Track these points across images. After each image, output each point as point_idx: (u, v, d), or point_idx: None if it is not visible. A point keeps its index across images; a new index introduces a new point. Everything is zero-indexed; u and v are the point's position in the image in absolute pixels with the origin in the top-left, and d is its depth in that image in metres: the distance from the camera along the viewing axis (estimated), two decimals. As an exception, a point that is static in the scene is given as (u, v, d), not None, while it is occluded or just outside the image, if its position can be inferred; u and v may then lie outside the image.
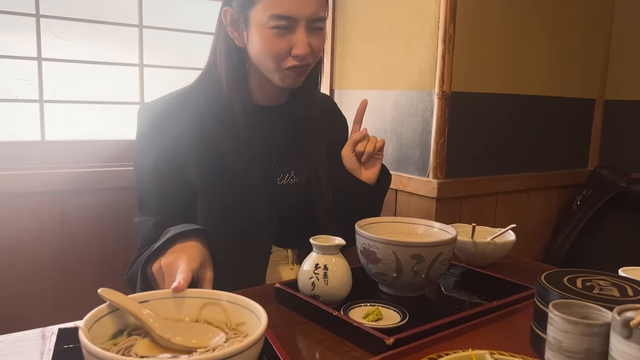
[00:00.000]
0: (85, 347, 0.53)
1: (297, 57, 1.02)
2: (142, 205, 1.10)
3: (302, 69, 1.06)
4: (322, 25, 1.06)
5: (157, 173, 1.07)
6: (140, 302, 0.66)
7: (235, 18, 1.05)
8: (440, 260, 0.93)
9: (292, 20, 1.00)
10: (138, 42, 1.61)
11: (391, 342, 0.73)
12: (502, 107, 1.73)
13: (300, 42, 1.01)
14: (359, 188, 1.17)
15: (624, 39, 1.96)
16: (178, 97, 1.12)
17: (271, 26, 1.00)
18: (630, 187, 1.77)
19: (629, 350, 0.58)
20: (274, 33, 1.01)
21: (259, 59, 1.06)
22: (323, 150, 1.18)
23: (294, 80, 1.08)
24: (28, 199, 1.39)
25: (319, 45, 1.07)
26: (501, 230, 1.16)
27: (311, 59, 1.06)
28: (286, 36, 1.01)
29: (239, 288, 0.89)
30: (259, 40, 1.02)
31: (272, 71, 1.06)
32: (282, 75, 1.06)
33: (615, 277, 0.79)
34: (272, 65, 1.04)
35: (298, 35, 1.01)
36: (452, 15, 1.53)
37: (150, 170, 1.08)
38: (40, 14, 1.46)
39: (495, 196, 1.75)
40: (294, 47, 1.02)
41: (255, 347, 0.57)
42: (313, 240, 0.92)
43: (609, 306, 0.65)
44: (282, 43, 1.01)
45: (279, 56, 1.03)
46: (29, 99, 1.49)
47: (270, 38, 1.01)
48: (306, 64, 1.05)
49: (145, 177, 1.09)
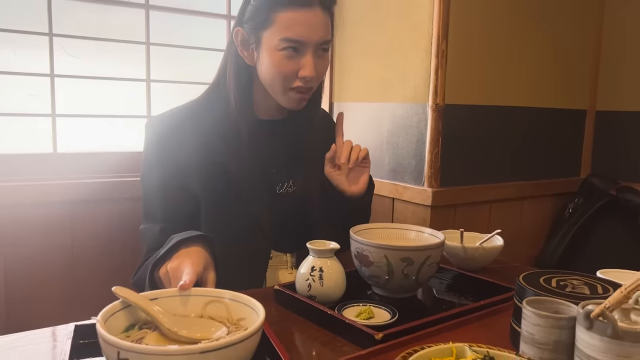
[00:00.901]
0: (102, 336, 0.60)
1: (304, 79, 1.09)
2: (147, 213, 1.16)
3: (306, 92, 1.13)
4: (327, 48, 1.13)
5: (163, 184, 1.13)
6: (151, 299, 0.73)
7: (247, 38, 1.12)
8: (428, 263, 1.00)
9: (302, 44, 1.08)
10: (145, 59, 1.69)
11: (380, 337, 0.80)
12: (495, 118, 1.80)
13: (308, 65, 1.08)
14: (345, 204, 1.21)
15: (613, 51, 2.03)
16: (184, 111, 1.19)
17: (281, 48, 1.07)
18: (620, 195, 1.83)
19: (591, 341, 0.64)
20: (283, 55, 1.08)
21: (267, 79, 1.13)
22: (320, 161, 1.24)
23: (297, 104, 1.15)
24: (40, 208, 1.46)
25: (324, 70, 1.15)
26: (488, 235, 1.22)
27: (315, 82, 1.13)
28: (295, 59, 1.08)
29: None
30: (269, 61, 1.09)
31: (279, 92, 1.13)
32: (288, 97, 1.13)
33: (588, 277, 0.85)
34: (279, 86, 1.11)
35: (306, 58, 1.08)
36: (445, 32, 1.60)
37: (156, 181, 1.14)
38: (53, 33, 1.55)
39: (489, 204, 1.81)
40: (302, 70, 1.09)
41: (253, 338, 0.63)
42: (309, 245, 0.98)
43: (577, 302, 0.71)
44: (291, 65, 1.08)
45: (287, 77, 1.10)
46: (42, 113, 1.57)
47: (280, 60, 1.08)
48: (310, 87, 1.12)
49: (151, 188, 1.15)
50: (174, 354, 0.58)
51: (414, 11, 1.66)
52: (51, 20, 1.54)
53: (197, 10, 1.79)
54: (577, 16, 1.98)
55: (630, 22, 1.97)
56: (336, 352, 0.82)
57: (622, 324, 0.63)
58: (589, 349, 0.64)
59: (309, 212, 1.21)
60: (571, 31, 1.97)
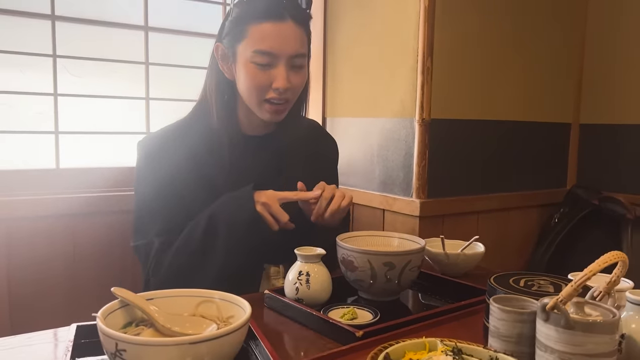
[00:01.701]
0: (101, 330, 0.66)
1: (277, 90, 1.14)
2: (140, 229, 1.20)
3: (280, 105, 1.17)
4: (303, 62, 1.18)
5: (158, 199, 1.18)
6: (147, 299, 0.79)
7: (226, 53, 1.18)
8: (409, 267, 1.06)
9: (274, 57, 1.13)
10: (145, 78, 1.77)
11: (360, 334, 0.86)
12: (480, 132, 1.87)
13: (280, 76, 1.13)
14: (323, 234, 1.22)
15: (595, 67, 2.11)
16: (172, 129, 1.24)
17: (254, 61, 1.13)
18: (603, 204, 1.90)
19: (548, 332, 0.70)
20: (257, 67, 1.13)
21: (243, 91, 1.18)
22: (306, 175, 1.26)
23: (273, 116, 1.19)
24: (44, 221, 1.53)
25: (299, 83, 1.18)
26: (464, 243, 1.28)
27: (290, 94, 1.17)
28: (268, 71, 1.14)
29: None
30: (244, 73, 1.15)
31: (255, 104, 1.18)
32: (263, 109, 1.17)
33: (554, 278, 0.91)
34: (254, 98, 1.16)
35: (279, 70, 1.14)
36: (430, 49, 1.68)
37: (150, 197, 1.19)
38: (57, 55, 1.63)
39: (476, 214, 1.87)
40: (274, 81, 1.14)
41: (240, 331, 0.70)
42: (297, 251, 1.04)
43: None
44: (264, 77, 1.14)
45: (261, 89, 1.15)
46: (45, 130, 1.64)
47: (254, 71, 1.14)
48: (285, 99, 1.17)
49: (146, 204, 1.20)
50: (166, 344, 0.64)
51: (401, 30, 1.74)
52: (55, 42, 1.62)
53: (194, 32, 1.87)
54: (560, 31, 2.06)
55: (611, 37, 2.05)
56: (321, 349, 0.88)
57: (575, 315, 0.70)
58: (547, 340, 0.70)
59: (296, 226, 1.23)
60: (554, 46, 2.05)
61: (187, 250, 1.13)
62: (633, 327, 0.77)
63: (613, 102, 2.05)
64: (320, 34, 2.06)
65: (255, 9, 1.14)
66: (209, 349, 0.66)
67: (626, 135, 2.01)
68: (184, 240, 1.14)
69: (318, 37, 2.07)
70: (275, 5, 1.14)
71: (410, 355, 0.74)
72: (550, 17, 2.02)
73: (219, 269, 1.11)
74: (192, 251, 1.12)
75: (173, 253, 1.14)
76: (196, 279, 1.11)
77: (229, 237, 1.10)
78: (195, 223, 1.14)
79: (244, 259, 1.13)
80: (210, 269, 1.11)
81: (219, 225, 1.11)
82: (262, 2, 1.14)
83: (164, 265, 1.15)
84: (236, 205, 1.12)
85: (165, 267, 1.15)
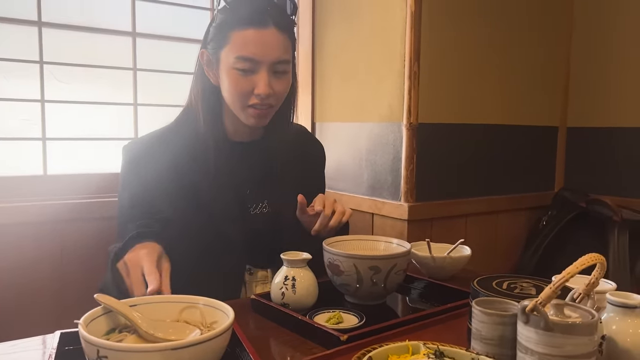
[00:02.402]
0: (83, 337, 0.66)
1: (259, 96, 1.14)
2: (122, 233, 1.17)
3: (263, 110, 1.17)
4: (286, 68, 1.18)
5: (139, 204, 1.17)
6: (130, 305, 0.79)
7: (210, 59, 1.19)
8: (395, 271, 1.06)
9: (256, 63, 1.13)
10: (132, 84, 1.77)
11: (345, 338, 0.86)
12: (468, 136, 1.88)
13: (262, 82, 1.13)
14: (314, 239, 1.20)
15: (582, 70, 2.13)
16: (156, 135, 1.24)
17: (237, 67, 1.13)
18: (590, 207, 1.91)
19: (528, 334, 0.70)
20: (239, 73, 1.13)
21: (227, 97, 1.18)
22: (295, 181, 1.27)
23: (256, 120, 1.18)
24: (31, 227, 1.53)
25: (282, 89, 1.18)
26: (453, 245, 1.29)
27: (273, 100, 1.17)
28: (250, 77, 1.14)
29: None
30: (227, 79, 1.15)
31: (238, 109, 1.18)
32: (246, 114, 1.18)
33: (537, 280, 0.92)
34: (237, 103, 1.17)
35: (260, 76, 1.14)
36: (417, 54, 1.69)
37: (132, 202, 1.18)
38: (44, 61, 1.62)
39: (465, 218, 1.88)
40: (256, 87, 1.14)
41: (222, 337, 0.70)
42: (283, 256, 1.05)
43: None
44: (246, 83, 1.14)
45: (243, 95, 1.15)
46: (33, 137, 1.63)
47: (236, 77, 1.14)
48: (268, 104, 1.17)
49: (127, 208, 1.19)
50: (148, 350, 0.64)
51: (388, 36, 1.76)
52: (42, 48, 1.61)
53: (182, 37, 1.87)
54: (548, 36, 2.08)
55: (598, 42, 2.08)
56: (306, 353, 0.88)
57: (554, 317, 0.70)
58: (527, 342, 0.71)
59: (284, 231, 1.24)
60: (542, 50, 2.07)
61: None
62: (614, 329, 0.78)
63: (600, 105, 2.08)
64: (309, 41, 2.07)
65: (238, 16, 1.14)
66: (191, 354, 0.66)
67: (613, 138, 2.03)
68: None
69: (306, 44, 2.08)
70: (259, 11, 1.14)
71: (394, 358, 0.74)
72: (538, 22, 2.04)
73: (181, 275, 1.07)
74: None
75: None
76: None
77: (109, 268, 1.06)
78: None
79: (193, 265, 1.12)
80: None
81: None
82: (246, 8, 1.14)
83: None
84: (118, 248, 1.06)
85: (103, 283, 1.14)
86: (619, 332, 0.77)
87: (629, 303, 0.78)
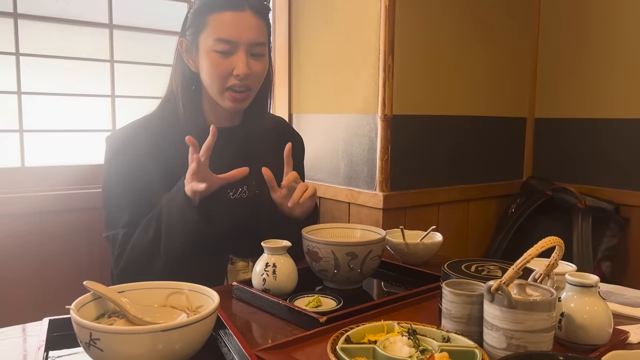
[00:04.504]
0: (75, 321, 0.69)
1: (238, 76, 1.19)
2: (109, 221, 1.23)
3: (242, 94, 1.21)
4: (263, 51, 1.23)
5: (123, 193, 1.21)
6: (119, 292, 0.82)
7: (189, 46, 1.23)
8: (371, 256, 1.12)
9: (233, 44, 1.18)
10: (110, 75, 1.78)
11: (324, 320, 0.91)
12: (440, 126, 1.94)
13: (241, 62, 1.18)
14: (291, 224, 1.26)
15: (548, 64, 2.21)
16: (139, 124, 1.27)
17: (215, 49, 1.18)
18: (555, 194, 2.00)
19: (493, 311, 0.76)
20: (218, 55, 1.19)
21: (206, 81, 1.22)
22: (273, 167, 1.29)
23: (235, 104, 1.23)
24: (10, 219, 1.53)
25: (260, 70, 1.23)
26: (425, 233, 1.35)
27: (251, 81, 1.22)
28: (228, 58, 1.19)
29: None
30: (206, 62, 1.20)
31: (217, 93, 1.22)
32: (225, 97, 1.22)
33: (503, 263, 0.98)
34: (216, 86, 1.21)
35: (238, 56, 1.19)
36: (391, 48, 1.74)
37: (115, 191, 1.22)
38: (20, 53, 1.62)
39: (437, 206, 1.95)
40: (235, 68, 1.18)
41: (209, 319, 0.74)
42: (264, 244, 1.09)
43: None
44: (225, 64, 1.19)
45: (223, 76, 1.19)
46: (9, 129, 1.63)
47: (215, 59, 1.19)
48: (247, 86, 1.21)
49: (113, 198, 1.23)
50: (139, 332, 0.68)
51: (362, 30, 1.80)
52: (18, 40, 1.61)
53: (159, 29, 1.88)
54: (516, 30, 2.16)
55: (563, 37, 2.16)
56: (287, 335, 0.92)
57: (517, 296, 0.76)
58: (492, 319, 0.77)
59: (264, 217, 1.28)
60: (510, 44, 2.14)
61: (140, 244, 1.16)
62: (572, 306, 0.84)
63: (565, 97, 2.16)
64: (285, 33, 2.10)
65: (216, 0, 1.19)
66: (180, 335, 0.70)
67: (577, 129, 2.12)
68: (137, 235, 1.18)
69: (283, 36, 2.11)
70: None
71: (370, 337, 0.80)
72: (506, 17, 2.11)
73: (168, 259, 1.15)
74: (145, 243, 1.16)
75: (130, 246, 1.18)
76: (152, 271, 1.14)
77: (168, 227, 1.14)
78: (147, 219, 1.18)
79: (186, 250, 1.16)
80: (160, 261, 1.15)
81: (161, 218, 1.15)
82: None
83: (123, 257, 1.19)
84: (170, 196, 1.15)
85: (124, 259, 1.19)
86: (577, 310, 0.84)
87: (586, 282, 0.85)
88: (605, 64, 2.03)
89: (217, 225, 1.22)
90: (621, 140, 1.99)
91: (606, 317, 0.84)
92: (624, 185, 1.98)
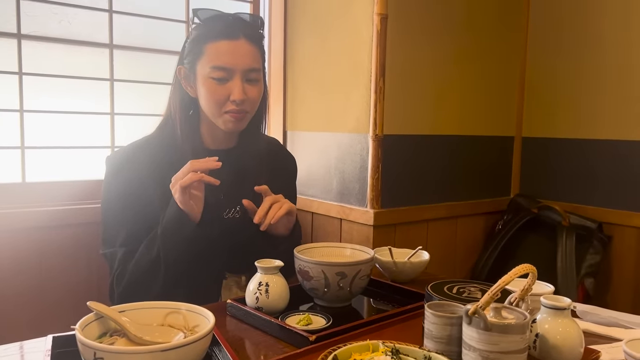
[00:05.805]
0: (80, 341, 0.74)
1: (235, 102, 1.25)
2: (107, 238, 1.28)
3: (240, 115, 1.27)
4: (258, 76, 1.29)
5: (123, 211, 1.26)
6: (120, 311, 0.87)
7: (187, 73, 1.29)
8: (360, 276, 1.17)
9: (229, 71, 1.24)
10: (109, 94, 1.83)
11: (313, 338, 0.96)
12: (430, 146, 2.01)
13: (236, 88, 1.24)
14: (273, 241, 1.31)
15: (536, 84, 2.28)
16: (138, 144, 1.33)
17: (212, 76, 1.24)
18: (541, 212, 2.07)
19: (471, 333, 0.82)
20: (214, 82, 1.24)
21: (204, 106, 1.28)
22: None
23: (234, 125, 1.28)
24: (10, 234, 1.58)
25: (256, 95, 1.29)
26: (413, 251, 1.41)
27: (248, 106, 1.27)
28: (225, 84, 1.25)
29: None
30: (203, 89, 1.26)
31: (216, 116, 1.28)
32: (224, 119, 1.28)
33: (483, 284, 1.04)
34: (214, 111, 1.27)
35: (234, 83, 1.25)
36: (382, 70, 1.80)
37: (114, 210, 1.27)
38: (23, 72, 1.67)
39: (426, 223, 2.01)
40: (232, 94, 1.24)
41: (205, 339, 0.79)
42: (257, 263, 1.14)
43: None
44: (222, 90, 1.25)
45: (220, 102, 1.25)
46: (11, 145, 1.68)
47: (212, 86, 1.25)
48: (243, 110, 1.27)
49: (112, 215, 1.28)
50: (141, 352, 0.73)
51: (355, 52, 1.86)
52: (21, 59, 1.66)
53: (158, 49, 1.94)
54: (504, 52, 2.23)
55: (550, 57, 2.23)
56: (278, 352, 0.97)
57: (492, 319, 0.82)
58: (470, 340, 0.82)
59: (256, 236, 1.31)
60: (498, 65, 2.21)
61: (144, 262, 1.21)
62: (546, 327, 0.90)
63: (552, 117, 2.23)
64: (281, 54, 2.16)
65: (211, 30, 1.26)
66: (177, 355, 0.75)
67: (563, 148, 2.19)
68: (141, 253, 1.23)
69: (278, 57, 2.17)
70: (230, 26, 1.26)
71: (355, 356, 0.85)
72: (495, 38, 2.18)
73: (171, 278, 1.20)
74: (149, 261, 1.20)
75: (133, 264, 1.23)
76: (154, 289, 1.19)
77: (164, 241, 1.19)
78: (150, 237, 1.23)
79: (186, 265, 1.21)
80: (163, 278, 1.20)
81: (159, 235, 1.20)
82: (218, 23, 1.27)
83: (125, 275, 1.23)
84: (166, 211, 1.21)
85: (127, 276, 1.23)
86: (550, 331, 0.89)
87: (559, 305, 0.91)
88: (592, 87, 2.10)
89: (213, 244, 1.28)
90: (605, 160, 2.05)
91: (577, 338, 0.89)
92: (607, 204, 2.04)
